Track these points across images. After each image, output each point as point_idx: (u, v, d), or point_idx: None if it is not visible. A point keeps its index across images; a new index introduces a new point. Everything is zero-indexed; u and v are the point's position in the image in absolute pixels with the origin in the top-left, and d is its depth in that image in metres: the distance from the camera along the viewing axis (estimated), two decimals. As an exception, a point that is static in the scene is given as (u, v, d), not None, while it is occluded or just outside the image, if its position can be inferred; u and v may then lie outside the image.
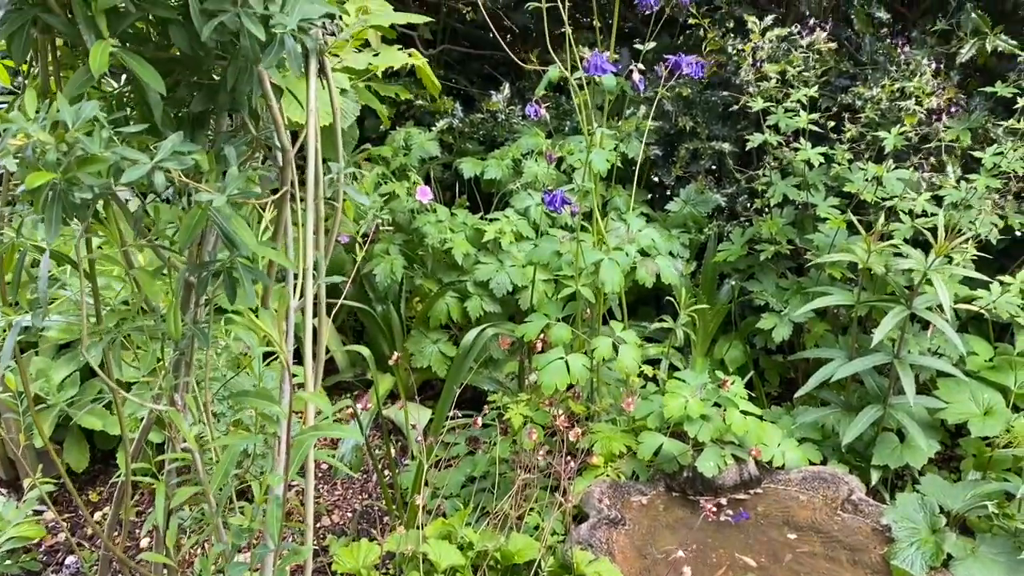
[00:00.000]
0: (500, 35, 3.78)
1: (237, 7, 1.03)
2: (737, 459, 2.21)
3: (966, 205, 2.44)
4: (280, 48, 1.05)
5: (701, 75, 2.33)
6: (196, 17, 1.02)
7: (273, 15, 1.05)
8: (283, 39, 1.05)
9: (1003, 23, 2.49)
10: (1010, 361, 2.49)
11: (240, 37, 1.05)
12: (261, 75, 1.15)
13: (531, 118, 2.15)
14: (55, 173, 0.99)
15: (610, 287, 2.21)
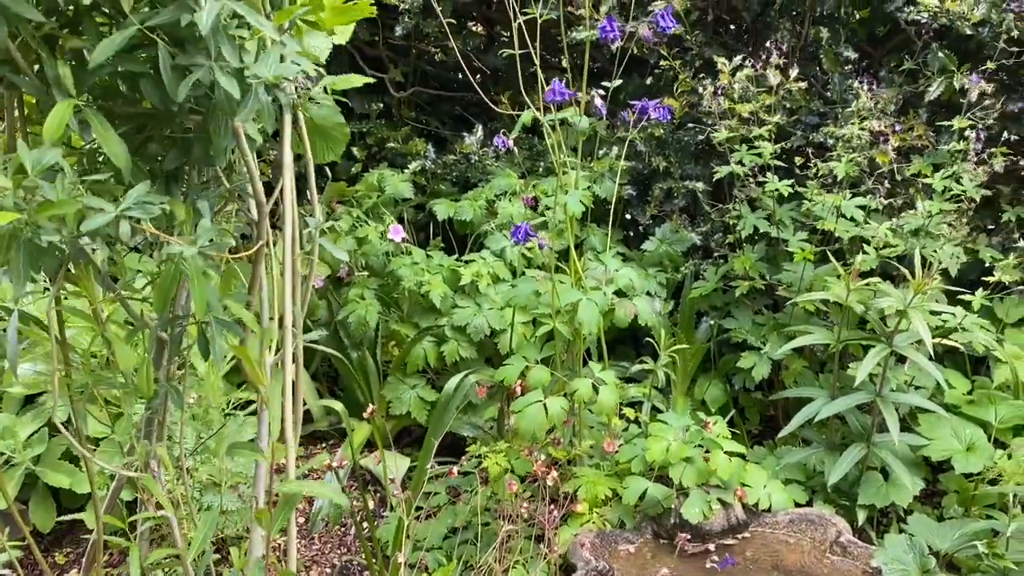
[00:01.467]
0: (472, 76, 3.79)
1: (211, 61, 0.99)
2: (723, 503, 2.18)
3: (927, 233, 2.45)
4: (255, 102, 1.01)
5: (668, 118, 2.34)
6: (166, 72, 0.98)
7: (248, 67, 1.02)
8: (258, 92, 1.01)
9: (969, 62, 2.53)
10: (989, 395, 2.49)
11: (214, 91, 1.02)
12: (236, 129, 1.12)
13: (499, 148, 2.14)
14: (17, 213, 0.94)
15: (588, 327, 2.19)
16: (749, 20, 2.85)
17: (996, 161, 2.38)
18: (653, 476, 2.23)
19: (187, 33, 0.96)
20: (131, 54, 1.01)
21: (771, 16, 2.74)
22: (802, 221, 2.72)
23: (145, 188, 1.02)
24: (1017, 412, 2.40)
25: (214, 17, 0.91)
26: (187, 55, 0.97)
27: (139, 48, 1.02)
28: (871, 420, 2.33)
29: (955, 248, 2.46)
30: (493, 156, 3.19)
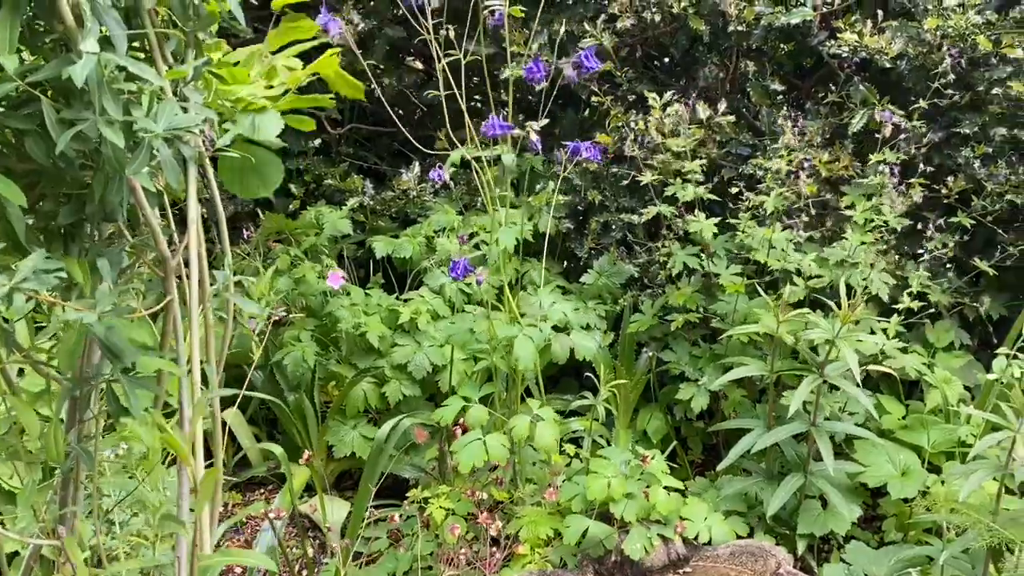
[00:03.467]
0: (410, 112, 3.79)
1: (95, 115, 0.97)
2: (664, 538, 2.18)
3: (851, 262, 2.50)
4: (147, 155, 0.99)
5: (599, 159, 2.37)
6: (53, 128, 0.95)
7: (137, 121, 1.00)
8: (150, 146, 0.99)
9: (889, 93, 2.60)
10: (922, 420, 2.53)
11: (103, 146, 0.99)
12: (132, 183, 1.09)
13: (435, 181, 2.13)
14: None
15: (524, 363, 2.18)
16: (678, 55, 2.90)
17: (915, 191, 2.44)
18: (594, 514, 2.22)
19: (73, 87, 0.94)
20: (17, 111, 0.98)
21: (699, 51, 2.78)
22: (736, 252, 2.75)
23: (40, 256, 0.98)
24: (948, 436, 2.45)
25: (90, 70, 0.89)
26: (73, 109, 0.95)
27: (27, 104, 0.99)
28: (807, 449, 2.35)
29: (882, 275, 2.51)
30: (432, 192, 3.18)
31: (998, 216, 2.65)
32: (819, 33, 2.61)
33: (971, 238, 2.75)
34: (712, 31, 2.67)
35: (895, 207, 2.41)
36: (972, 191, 2.57)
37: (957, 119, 2.55)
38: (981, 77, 2.47)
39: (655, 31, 2.73)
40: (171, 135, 1.02)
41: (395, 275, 3.17)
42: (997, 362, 2.33)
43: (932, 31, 2.42)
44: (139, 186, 1.08)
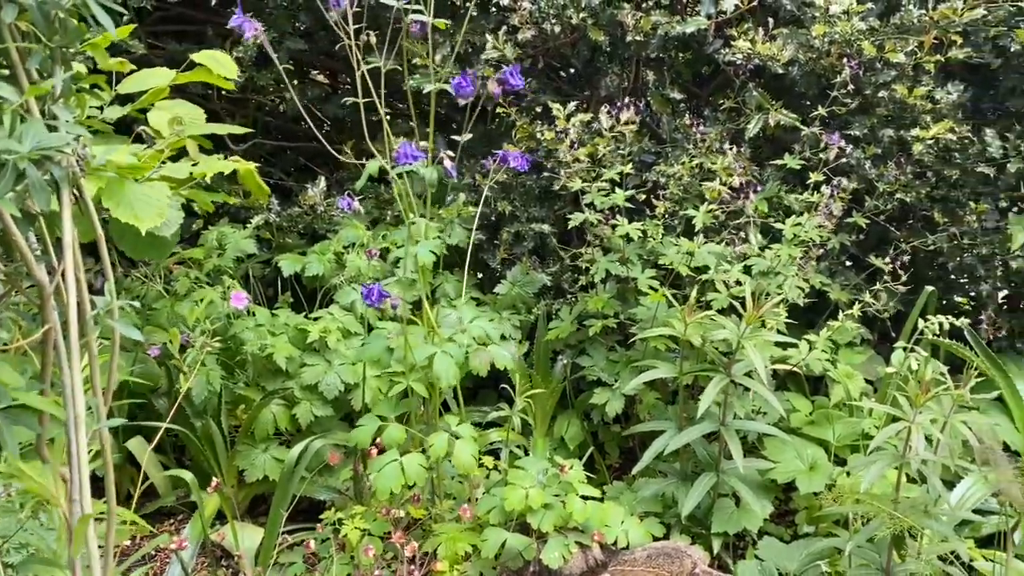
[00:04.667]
0: (316, 126, 3.72)
1: (-47, 139, 0.91)
2: (582, 545, 2.18)
3: (774, 272, 2.57)
4: (11, 179, 0.93)
5: (526, 168, 2.36)
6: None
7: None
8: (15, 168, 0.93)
9: (782, 99, 2.68)
10: (827, 415, 2.61)
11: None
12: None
13: (345, 211, 2.09)
14: None
15: (445, 381, 2.16)
16: (580, 66, 2.93)
17: (836, 205, 2.51)
18: (512, 526, 2.21)
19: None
20: None
21: (600, 61, 2.82)
22: (648, 259, 2.79)
23: None
24: (852, 429, 2.53)
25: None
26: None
27: None
28: (719, 449, 2.39)
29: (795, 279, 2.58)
30: (346, 195, 3.13)
31: (890, 215, 2.76)
32: (714, 41, 2.68)
33: (866, 236, 2.86)
34: (611, 41, 2.71)
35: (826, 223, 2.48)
36: (865, 191, 2.67)
37: (848, 122, 2.65)
38: (868, 81, 2.58)
39: (556, 42, 2.75)
40: (39, 156, 0.97)
41: (304, 294, 3.11)
42: (895, 355, 2.42)
43: (820, 37, 2.51)
44: (5, 211, 1.02)
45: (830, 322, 2.73)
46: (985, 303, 2.81)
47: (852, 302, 2.81)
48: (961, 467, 2.33)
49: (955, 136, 2.56)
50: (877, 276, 2.85)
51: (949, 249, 2.72)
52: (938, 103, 2.55)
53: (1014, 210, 2.79)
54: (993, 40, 2.58)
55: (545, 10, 2.65)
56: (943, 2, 2.51)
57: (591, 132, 2.69)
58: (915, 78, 2.58)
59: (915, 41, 2.51)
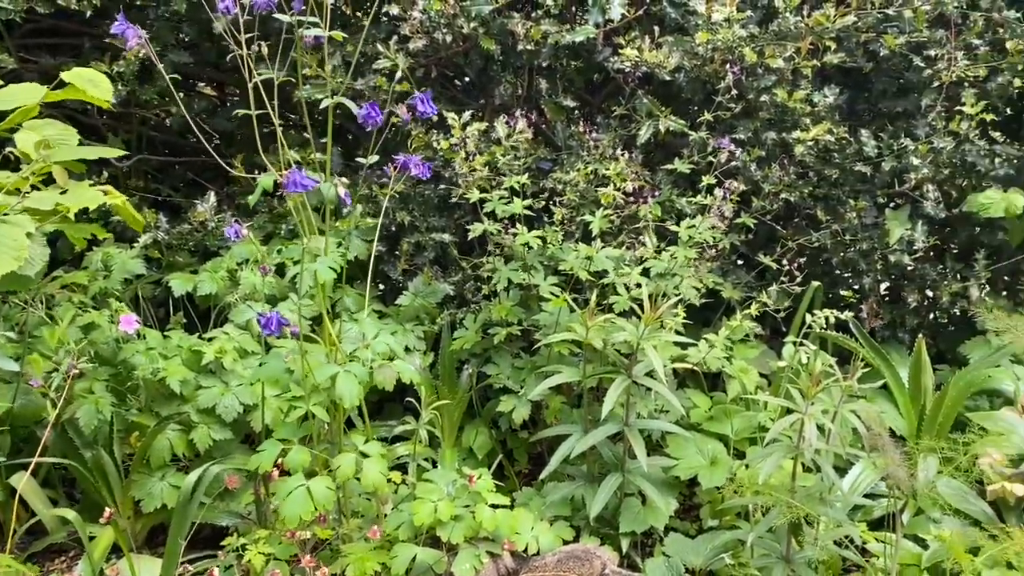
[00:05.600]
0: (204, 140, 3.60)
1: None
2: (493, 555, 2.18)
3: (671, 274, 2.63)
4: None
5: (428, 175, 2.34)
6: None
7: None
8: None
9: (671, 105, 2.76)
10: (725, 410, 2.69)
11: None
12: None
13: (232, 239, 2.02)
14: None
15: (349, 401, 2.11)
16: (474, 75, 2.93)
17: (728, 206, 2.58)
18: (423, 540, 2.19)
19: None
20: None
21: (494, 70, 2.83)
22: (549, 265, 2.81)
23: None
24: (749, 423, 2.61)
25: None
26: None
27: None
28: (624, 449, 2.43)
29: (691, 280, 2.64)
30: (233, 221, 3.04)
31: (776, 214, 2.87)
32: (603, 50, 2.73)
33: (755, 236, 2.96)
34: (503, 50, 2.73)
35: (719, 225, 2.55)
36: (751, 192, 2.77)
37: (733, 126, 2.74)
38: (750, 86, 2.67)
39: (448, 51, 2.75)
40: None
41: (198, 313, 3.00)
42: (786, 350, 2.52)
43: (704, 45, 2.59)
44: None
45: (725, 320, 2.82)
46: (868, 295, 2.96)
47: (744, 299, 2.91)
48: (852, 454, 2.44)
49: (833, 137, 2.68)
50: (767, 273, 2.96)
51: (832, 245, 2.84)
52: (816, 106, 2.67)
53: (891, 206, 2.94)
54: (864, 45, 2.72)
55: (436, 20, 2.64)
56: (817, 9, 2.63)
57: (488, 141, 2.70)
58: (794, 82, 2.69)
59: (793, 47, 2.62)
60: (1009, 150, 2.75)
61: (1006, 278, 3.11)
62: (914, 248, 2.78)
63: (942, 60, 2.66)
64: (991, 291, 3.02)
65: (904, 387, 2.78)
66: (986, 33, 2.73)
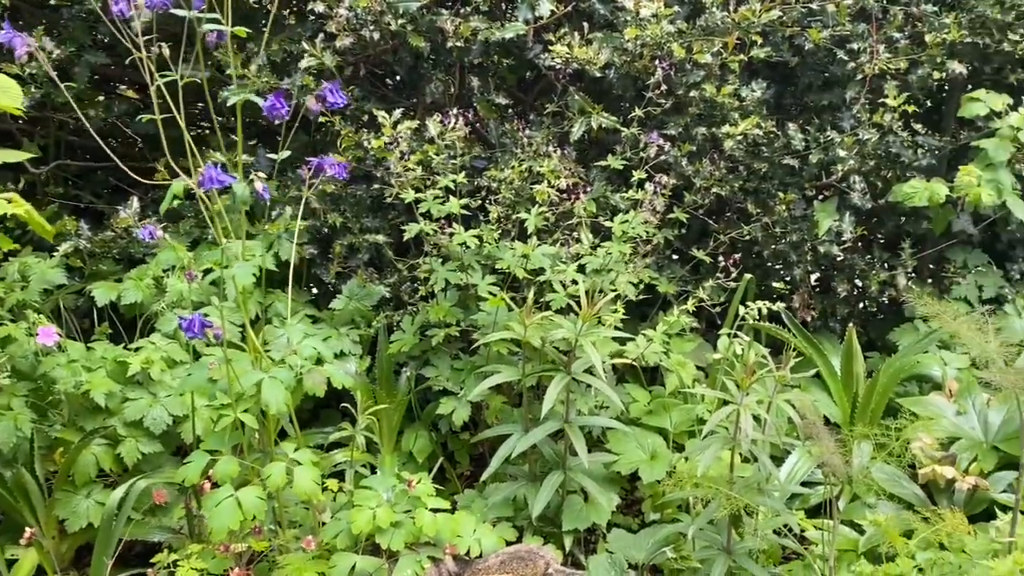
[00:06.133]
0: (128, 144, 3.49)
1: None
2: (434, 559, 2.14)
3: (607, 269, 2.63)
4: None
5: (344, 176, 2.29)
6: None
7: None
8: None
9: (603, 101, 2.76)
10: (664, 403, 2.70)
11: None
12: None
13: (145, 239, 1.95)
14: None
15: (276, 407, 2.05)
16: (404, 73, 2.89)
17: (659, 201, 2.59)
18: (363, 548, 2.14)
19: None
20: None
21: (425, 68, 2.80)
22: (486, 264, 2.78)
23: None
24: (688, 416, 2.63)
25: None
26: None
27: None
28: (565, 447, 2.42)
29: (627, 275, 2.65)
30: (154, 223, 2.95)
31: (708, 208, 2.89)
32: (534, 46, 2.71)
33: (688, 230, 2.99)
34: (433, 48, 2.69)
35: (652, 220, 2.55)
36: (683, 187, 2.78)
37: (664, 122, 2.75)
38: (680, 81, 2.69)
39: (377, 49, 2.70)
40: None
41: (124, 324, 2.90)
42: (721, 342, 2.54)
43: (632, 41, 2.59)
44: None
45: (662, 314, 2.84)
46: (799, 286, 3.00)
47: (680, 293, 2.93)
48: (788, 443, 2.47)
49: (762, 131, 2.71)
50: (701, 267, 2.98)
51: (763, 238, 2.88)
52: (744, 100, 2.70)
53: (819, 198, 2.99)
54: (790, 39, 2.76)
55: (363, 17, 2.59)
56: (743, 4, 2.65)
57: (421, 140, 2.66)
58: (722, 77, 2.72)
59: (720, 42, 2.64)
60: (931, 141, 2.82)
61: (931, 266, 3.20)
62: (842, 239, 2.83)
63: (865, 53, 2.71)
64: (917, 279, 3.10)
65: (837, 375, 2.83)
66: (906, 27, 2.80)
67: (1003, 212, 2.80)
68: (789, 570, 2.25)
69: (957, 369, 2.79)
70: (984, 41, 2.71)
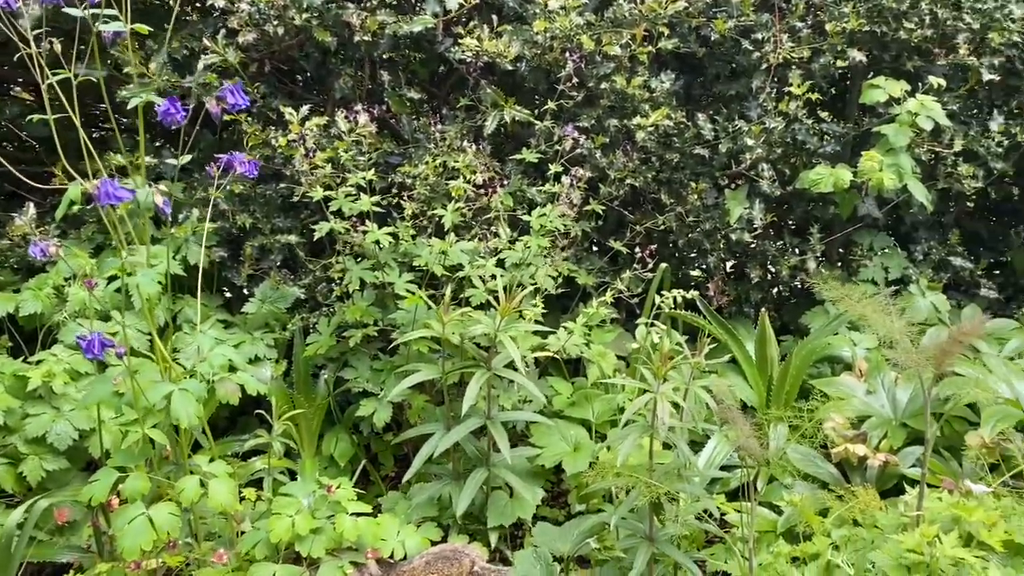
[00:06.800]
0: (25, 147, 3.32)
1: None
2: (357, 564, 2.10)
3: (526, 263, 2.62)
4: None
5: (255, 173, 2.23)
6: None
7: None
8: None
9: (516, 95, 2.75)
10: (586, 394, 2.71)
11: None
12: None
13: (36, 257, 1.85)
14: None
15: (187, 421, 1.97)
16: (312, 69, 2.83)
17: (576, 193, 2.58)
18: (283, 557, 2.09)
19: None
20: None
21: (333, 63, 2.74)
22: (403, 262, 2.74)
23: None
24: (609, 406, 2.64)
25: None
26: None
27: None
28: (488, 443, 2.40)
29: (545, 270, 2.64)
30: (58, 234, 2.82)
31: (624, 200, 2.91)
32: (444, 40, 2.68)
33: (605, 222, 3.00)
34: (340, 42, 2.64)
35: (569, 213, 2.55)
36: (599, 179, 2.80)
37: (576, 114, 2.76)
38: (590, 74, 2.70)
39: (282, 44, 2.63)
40: None
41: (24, 336, 2.76)
42: (639, 331, 2.56)
43: (542, 33, 2.59)
44: None
45: (582, 306, 2.85)
46: (714, 274, 3.05)
47: (599, 285, 2.94)
48: (707, 429, 2.51)
49: (672, 122, 2.74)
50: (619, 258, 3.00)
51: (678, 227, 2.91)
52: (654, 92, 2.73)
53: (732, 187, 3.05)
54: (696, 30, 2.79)
55: (266, 11, 2.52)
56: (650, -4, 2.68)
57: (330, 136, 2.60)
58: (632, 69, 2.73)
59: (628, 34, 2.66)
60: (835, 128, 2.90)
61: (840, 250, 3.29)
62: (753, 226, 2.88)
63: (769, 43, 2.77)
64: (827, 263, 3.19)
65: (752, 360, 2.88)
66: (808, 16, 2.87)
67: (905, 195, 2.89)
68: (711, 554, 2.28)
69: (866, 349, 2.87)
70: (882, 29, 2.79)
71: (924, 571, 1.69)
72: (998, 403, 2.49)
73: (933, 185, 2.97)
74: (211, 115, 2.07)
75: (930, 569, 1.69)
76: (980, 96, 3.05)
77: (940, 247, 3.13)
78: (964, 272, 3.13)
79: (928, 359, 1.87)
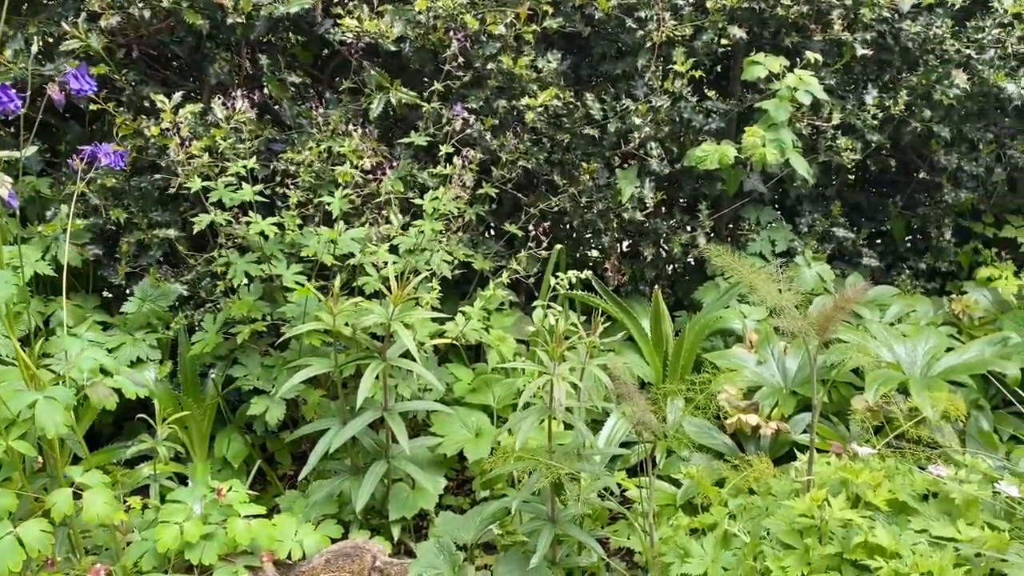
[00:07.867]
0: None
1: None
2: (252, 568, 2.03)
3: (420, 249, 2.57)
4: None
5: (123, 165, 2.10)
6: None
7: None
8: None
9: (402, 76, 2.68)
10: (487, 380, 2.69)
11: None
12: None
13: None
14: None
15: (54, 430, 1.84)
16: (186, 54, 2.69)
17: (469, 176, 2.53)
18: (174, 566, 1.99)
19: None
20: None
21: (208, 48, 2.61)
22: (291, 253, 2.65)
23: None
24: (510, 390, 2.63)
25: None
26: None
27: None
28: (386, 435, 2.35)
29: (440, 255, 2.59)
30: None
31: (517, 182, 2.89)
32: (324, 21, 2.59)
33: (500, 205, 2.97)
34: (214, 25, 2.51)
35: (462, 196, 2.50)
36: (491, 162, 2.76)
37: (464, 95, 2.71)
38: (477, 54, 2.65)
39: (150, 28, 2.49)
40: None
41: None
42: (535, 314, 2.54)
43: (424, 12, 2.53)
44: None
45: (480, 291, 2.82)
46: (609, 253, 3.07)
47: (496, 269, 2.91)
48: (607, 407, 2.52)
49: (561, 102, 2.73)
50: (515, 241, 2.98)
51: (571, 208, 2.91)
52: (541, 72, 2.70)
53: (623, 167, 3.06)
54: (580, 9, 2.78)
55: (129, -8, 2.38)
56: (533, -26, 2.65)
57: (206, 124, 2.48)
58: (518, 49, 2.70)
59: (512, 13, 2.63)
60: (719, 105, 2.94)
61: (729, 225, 3.36)
62: (645, 204, 2.90)
63: (652, 21, 2.78)
64: (716, 238, 3.24)
65: (647, 336, 2.91)
66: (689, -6, 2.90)
67: (788, 170, 2.96)
68: (615, 531, 2.30)
69: (756, 321, 2.94)
70: (760, 6, 2.84)
71: (815, 534, 1.73)
72: (881, 367, 2.59)
73: (815, 159, 3.05)
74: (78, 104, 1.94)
75: (820, 532, 1.73)
76: (855, 71, 3.15)
77: (823, 219, 3.23)
78: (847, 242, 3.24)
79: (813, 326, 1.92)
